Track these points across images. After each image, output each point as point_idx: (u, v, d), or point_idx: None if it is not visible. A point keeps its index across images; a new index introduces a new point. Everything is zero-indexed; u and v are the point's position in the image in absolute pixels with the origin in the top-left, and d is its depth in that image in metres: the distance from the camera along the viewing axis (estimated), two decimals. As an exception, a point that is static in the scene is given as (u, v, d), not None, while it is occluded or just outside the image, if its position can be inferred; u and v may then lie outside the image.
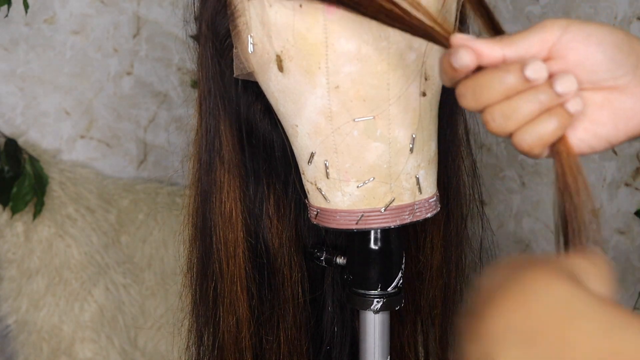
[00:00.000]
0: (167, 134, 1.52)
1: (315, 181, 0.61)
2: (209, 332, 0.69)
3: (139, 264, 1.45)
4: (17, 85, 1.42)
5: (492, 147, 1.29)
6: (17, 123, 1.43)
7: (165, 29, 1.49)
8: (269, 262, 0.69)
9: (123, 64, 1.49)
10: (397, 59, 0.55)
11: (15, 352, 1.38)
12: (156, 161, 1.55)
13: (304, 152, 0.60)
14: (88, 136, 1.49)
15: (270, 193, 0.68)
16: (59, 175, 1.40)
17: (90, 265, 1.38)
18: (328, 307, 0.75)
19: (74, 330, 1.37)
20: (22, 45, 1.41)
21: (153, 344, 1.45)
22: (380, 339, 0.65)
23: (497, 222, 1.32)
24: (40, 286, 1.36)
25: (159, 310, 1.45)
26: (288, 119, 0.60)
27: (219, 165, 0.64)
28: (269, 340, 0.70)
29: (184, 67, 1.52)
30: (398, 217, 0.60)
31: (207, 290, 0.67)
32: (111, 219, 1.43)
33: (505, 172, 1.28)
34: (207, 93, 0.63)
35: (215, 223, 0.65)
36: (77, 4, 1.43)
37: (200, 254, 0.67)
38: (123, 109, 1.50)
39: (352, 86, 0.55)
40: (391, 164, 0.58)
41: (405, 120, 0.58)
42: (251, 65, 0.59)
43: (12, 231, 1.35)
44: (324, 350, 0.75)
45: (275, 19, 0.55)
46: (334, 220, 0.61)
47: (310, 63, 0.55)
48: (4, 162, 1.32)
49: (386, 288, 0.64)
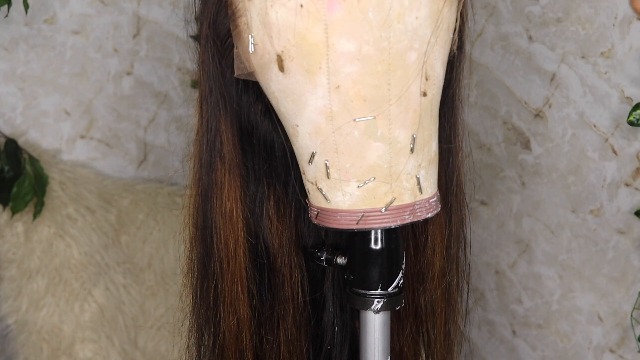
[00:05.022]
0: (167, 134, 1.53)
1: (315, 181, 0.61)
2: (210, 332, 0.69)
3: (139, 264, 1.45)
4: (17, 85, 1.42)
5: (492, 147, 1.29)
6: (17, 123, 1.43)
7: (166, 29, 1.49)
8: (269, 262, 0.69)
9: (123, 64, 1.49)
10: (398, 59, 0.55)
11: (15, 352, 1.38)
12: (156, 161, 1.55)
13: (304, 152, 0.60)
14: (88, 136, 1.49)
15: (271, 193, 0.68)
16: (59, 175, 1.40)
17: (90, 265, 1.38)
18: (328, 307, 0.75)
19: (74, 330, 1.37)
20: (22, 45, 1.41)
21: (153, 344, 1.45)
22: (380, 339, 0.65)
23: (497, 222, 1.32)
24: (40, 286, 1.36)
25: (159, 310, 1.45)
26: (289, 119, 0.60)
27: (219, 165, 0.64)
28: (269, 340, 0.70)
29: (184, 67, 1.52)
30: (398, 217, 0.60)
31: (208, 290, 0.67)
32: (111, 219, 1.43)
33: (505, 172, 1.28)
34: (208, 93, 0.63)
35: (215, 223, 0.65)
36: (77, 4, 1.43)
37: (201, 254, 0.67)
38: (123, 109, 1.50)
39: (353, 86, 0.55)
40: (392, 164, 0.59)
41: (406, 120, 0.58)
42: (252, 65, 0.59)
43: (12, 231, 1.35)
44: (324, 350, 0.75)
45: (276, 19, 0.55)
46: (335, 220, 0.61)
47: (311, 63, 0.55)
48: (4, 162, 1.32)
49: (387, 288, 0.64)
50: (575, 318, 1.23)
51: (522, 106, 1.22)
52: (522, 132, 1.23)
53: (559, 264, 1.24)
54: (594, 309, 1.20)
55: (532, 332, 1.30)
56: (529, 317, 1.30)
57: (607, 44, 1.08)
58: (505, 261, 1.32)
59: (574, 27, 1.12)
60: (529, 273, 1.29)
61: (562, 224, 1.21)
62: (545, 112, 1.19)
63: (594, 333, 1.21)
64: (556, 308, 1.26)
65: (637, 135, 1.09)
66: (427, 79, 0.57)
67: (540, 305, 1.28)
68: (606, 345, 1.20)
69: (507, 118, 1.25)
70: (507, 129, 1.26)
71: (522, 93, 1.22)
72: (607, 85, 1.10)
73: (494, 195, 1.31)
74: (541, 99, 1.19)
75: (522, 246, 1.29)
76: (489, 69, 1.26)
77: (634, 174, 1.10)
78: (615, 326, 1.18)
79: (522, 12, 1.18)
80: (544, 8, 1.15)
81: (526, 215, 1.26)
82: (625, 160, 1.11)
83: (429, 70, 0.57)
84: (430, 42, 0.56)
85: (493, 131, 1.28)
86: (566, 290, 1.23)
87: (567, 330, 1.25)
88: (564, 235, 1.22)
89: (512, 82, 1.23)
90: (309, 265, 0.72)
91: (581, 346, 1.23)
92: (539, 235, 1.25)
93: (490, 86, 1.26)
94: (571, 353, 1.25)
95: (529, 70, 1.20)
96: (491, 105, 1.27)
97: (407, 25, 0.54)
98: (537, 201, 1.24)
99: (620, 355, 1.18)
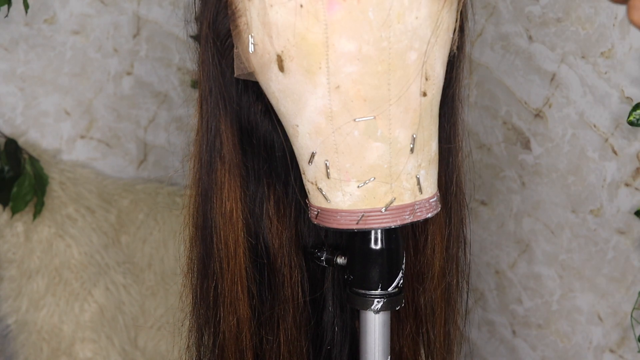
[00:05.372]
0: (167, 134, 1.53)
1: (315, 181, 0.61)
2: (210, 332, 0.69)
3: (139, 264, 1.45)
4: (17, 85, 1.42)
5: (492, 147, 1.29)
6: (17, 123, 1.43)
7: (165, 29, 1.49)
8: (269, 262, 0.69)
9: (123, 64, 1.49)
10: (398, 59, 0.55)
11: (15, 352, 1.38)
12: (156, 161, 1.55)
13: (304, 152, 0.60)
14: (88, 136, 1.49)
15: (271, 193, 0.68)
16: (59, 175, 1.40)
17: (90, 265, 1.38)
18: (328, 307, 0.75)
19: (74, 330, 1.37)
20: (22, 45, 1.41)
21: (153, 344, 1.45)
22: (380, 339, 0.65)
23: (497, 222, 1.32)
24: (40, 286, 1.36)
25: (159, 310, 1.45)
26: (289, 119, 0.60)
27: (219, 165, 0.64)
28: (269, 340, 0.70)
29: (184, 67, 1.52)
30: (398, 217, 0.60)
31: (208, 290, 0.67)
32: (111, 219, 1.43)
33: (505, 172, 1.28)
34: (208, 93, 0.63)
35: (215, 223, 0.65)
36: (77, 4, 1.43)
37: (201, 254, 0.67)
38: (123, 109, 1.50)
39: (353, 86, 0.55)
40: (392, 164, 0.58)
41: (406, 121, 0.58)
42: (252, 65, 0.59)
43: (12, 231, 1.35)
44: (324, 350, 0.75)
45: (276, 19, 0.55)
46: (335, 220, 0.61)
47: (310, 63, 0.55)
48: (4, 162, 1.32)
49: (387, 288, 0.64)
50: (575, 318, 1.23)
51: (522, 106, 1.22)
52: (522, 132, 1.23)
53: (559, 264, 1.24)
54: (594, 309, 1.20)
55: (532, 332, 1.30)
56: (529, 317, 1.30)
57: (607, 44, 1.08)
58: (505, 261, 1.32)
59: (574, 27, 1.12)
60: (529, 273, 1.29)
61: (562, 224, 1.21)
62: (545, 112, 1.19)
63: (594, 333, 1.21)
64: (556, 308, 1.26)
65: (637, 135, 1.09)
66: (427, 79, 0.57)
67: (540, 305, 1.28)
68: (606, 345, 1.20)
69: (507, 118, 1.25)
70: (507, 129, 1.26)
71: (522, 93, 1.22)
72: (607, 85, 1.10)
73: (494, 195, 1.31)
74: (541, 99, 1.19)
75: (522, 246, 1.29)
76: (489, 69, 1.26)
77: (634, 174, 1.10)
78: (615, 326, 1.18)
79: (522, 12, 1.18)
80: (544, 8, 1.15)
81: (526, 215, 1.26)
82: (625, 160, 1.11)
83: (429, 70, 0.57)
84: (430, 42, 0.56)
85: (493, 131, 1.28)
86: (566, 290, 1.23)
87: (567, 330, 1.25)
88: (564, 235, 1.22)
89: (512, 82, 1.23)
90: (309, 265, 0.72)
91: (581, 346, 1.23)
92: (539, 235, 1.25)
93: (490, 86, 1.26)
94: (571, 353, 1.25)
95: (529, 70, 1.20)
96: (491, 105, 1.27)
97: (407, 25, 0.54)
98: (537, 201, 1.24)
99: (620, 355, 1.18)
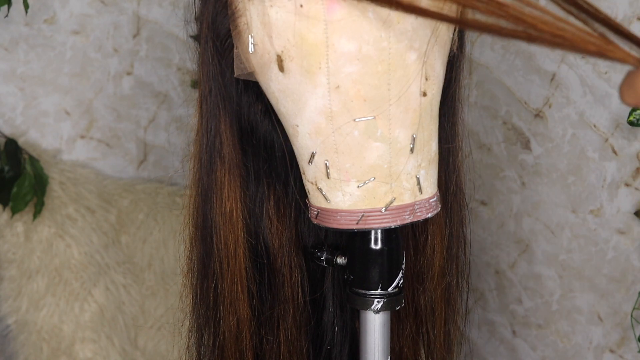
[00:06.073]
0: (167, 134, 1.53)
1: (315, 181, 0.61)
2: (210, 332, 0.69)
3: (139, 264, 1.45)
4: (17, 85, 1.42)
5: (492, 147, 1.29)
6: (17, 123, 1.43)
7: (165, 29, 1.49)
8: (269, 262, 0.69)
9: (123, 64, 1.49)
10: (398, 59, 0.55)
11: (15, 352, 1.38)
12: (156, 161, 1.55)
13: (304, 152, 0.60)
14: (88, 136, 1.49)
15: (271, 193, 0.68)
16: (59, 175, 1.40)
17: (90, 265, 1.38)
18: (328, 308, 0.75)
19: (74, 330, 1.37)
20: (22, 45, 1.41)
21: (153, 344, 1.45)
22: (380, 339, 0.65)
23: (497, 222, 1.32)
24: (40, 286, 1.36)
25: (159, 310, 1.45)
26: (289, 119, 0.60)
27: (219, 165, 0.64)
28: (269, 341, 0.70)
29: (184, 67, 1.52)
30: (398, 217, 0.60)
31: (208, 290, 0.67)
32: (111, 219, 1.43)
33: (505, 172, 1.28)
34: (208, 93, 0.63)
35: (215, 223, 0.65)
36: (77, 4, 1.43)
37: (201, 254, 0.67)
38: (123, 109, 1.50)
39: (353, 86, 0.55)
40: (392, 164, 0.58)
41: (406, 120, 0.58)
42: (252, 65, 0.59)
43: (12, 231, 1.35)
44: (324, 350, 0.75)
45: (275, 19, 0.55)
46: (335, 220, 0.61)
47: (310, 63, 0.55)
48: (4, 162, 1.32)
49: (387, 288, 0.64)
50: (575, 318, 1.23)
51: (522, 106, 1.22)
52: (522, 132, 1.23)
53: (559, 264, 1.24)
54: (594, 309, 1.20)
55: (532, 332, 1.30)
56: (529, 317, 1.30)
57: (607, 44, 1.08)
58: (505, 261, 1.32)
59: (574, 27, 1.12)
60: (529, 273, 1.29)
61: (562, 224, 1.21)
62: (545, 112, 1.19)
63: (594, 333, 1.21)
64: (556, 308, 1.26)
65: (637, 135, 1.09)
66: (427, 79, 0.57)
67: (540, 305, 1.28)
68: (606, 345, 1.20)
69: (507, 118, 1.25)
70: (507, 129, 1.26)
71: (522, 93, 1.22)
72: (607, 85, 1.10)
73: (494, 195, 1.31)
74: (541, 99, 1.19)
75: (522, 246, 1.29)
76: (489, 69, 1.26)
77: (634, 174, 1.10)
78: (615, 326, 1.18)
79: (522, 12, 1.18)
80: (544, 8, 1.15)
81: (526, 215, 1.26)
82: (625, 160, 1.11)
83: (429, 70, 0.57)
84: (430, 42, 0.56)
85: (493, 131, 1.28)
86: (566, 290, 1.23)
87: (567, 330, 1.25)
88: (564, 235, 1.22)
89: (512, 82, 1.23)
90: (309, 265, 0.72)
91: (581, 346, 1.23)
92: (539, 235, 1.25)
93: (490, 86, 1.26)
94: (571, 353, 1.25)
95: (529, 70, 1.20)
96: (491, 105, 1.27)
97: (407, 25, 0.54)
98: (537, 201, 1.24)
99: (620, 355, 1.18)
